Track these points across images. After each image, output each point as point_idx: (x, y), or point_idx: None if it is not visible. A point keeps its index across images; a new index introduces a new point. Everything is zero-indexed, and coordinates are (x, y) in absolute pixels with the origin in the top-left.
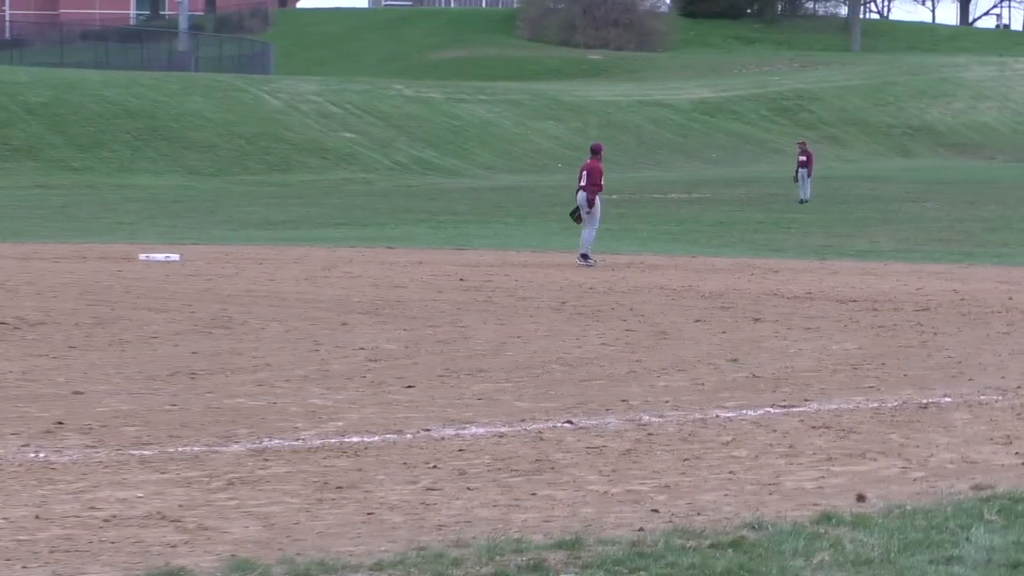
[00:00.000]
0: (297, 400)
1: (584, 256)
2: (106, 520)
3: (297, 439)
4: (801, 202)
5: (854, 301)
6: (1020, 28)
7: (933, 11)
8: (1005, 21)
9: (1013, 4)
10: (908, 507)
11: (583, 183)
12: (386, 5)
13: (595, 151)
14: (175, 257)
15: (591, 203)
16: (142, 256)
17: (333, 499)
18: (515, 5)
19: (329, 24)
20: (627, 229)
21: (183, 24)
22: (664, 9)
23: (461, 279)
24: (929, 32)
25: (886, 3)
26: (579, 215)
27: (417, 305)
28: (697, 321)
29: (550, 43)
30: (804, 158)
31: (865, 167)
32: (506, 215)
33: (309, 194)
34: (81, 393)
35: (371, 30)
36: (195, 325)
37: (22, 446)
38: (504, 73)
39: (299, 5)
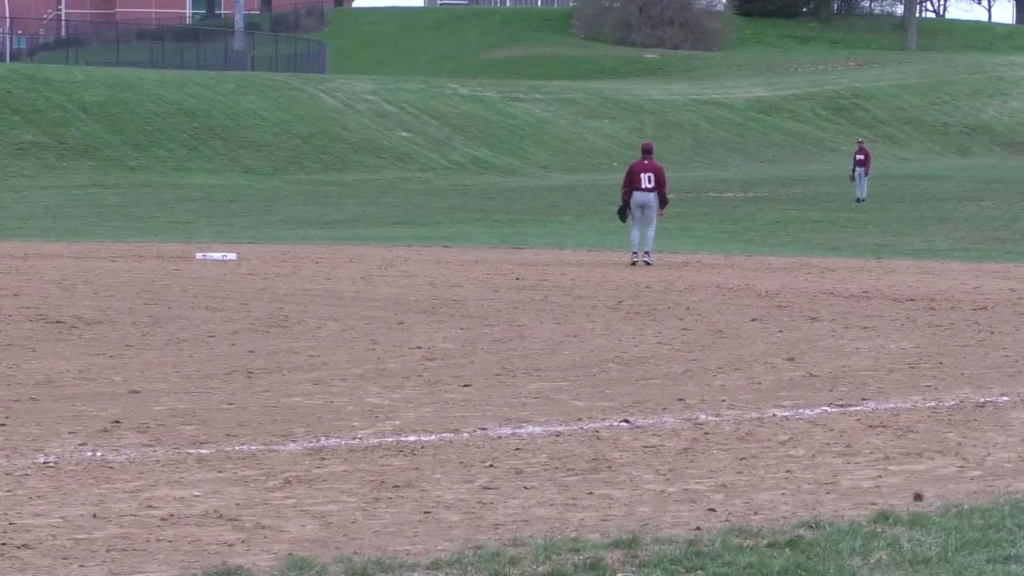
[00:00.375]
0: (354, 399)
1: (647, 253)
2: (163, 519)
3: (354, 438)
4: (858, 201)
5: (911, 300)
6: None
7: (989, 10)
8: None
9: None
10: (965, 506)
11: (650, 185)
12: (441, 4)
13: (650, 151)
14: (232, 256)
15: (663, 204)
16: (199, 255)
17: (390, 498)
18: (571, 4)
19: (385, 23)
20: (683, 228)
21: (239, 23)
22: (720, 8)
23: (517, 278)
24: (985, 31)
25: (942, 2)
26: (627, 214)
27: (473, 304)
28: (754, 320)
29: (606, 42)
30: (862, 157)
31: (921, 166)
32: (562, 214)
33: (365, 193)
34: (138, 392)
35: (426, 29)
36: (252, 324)
37: (79, 445)
38: (560, 72)
39: (355, 4)
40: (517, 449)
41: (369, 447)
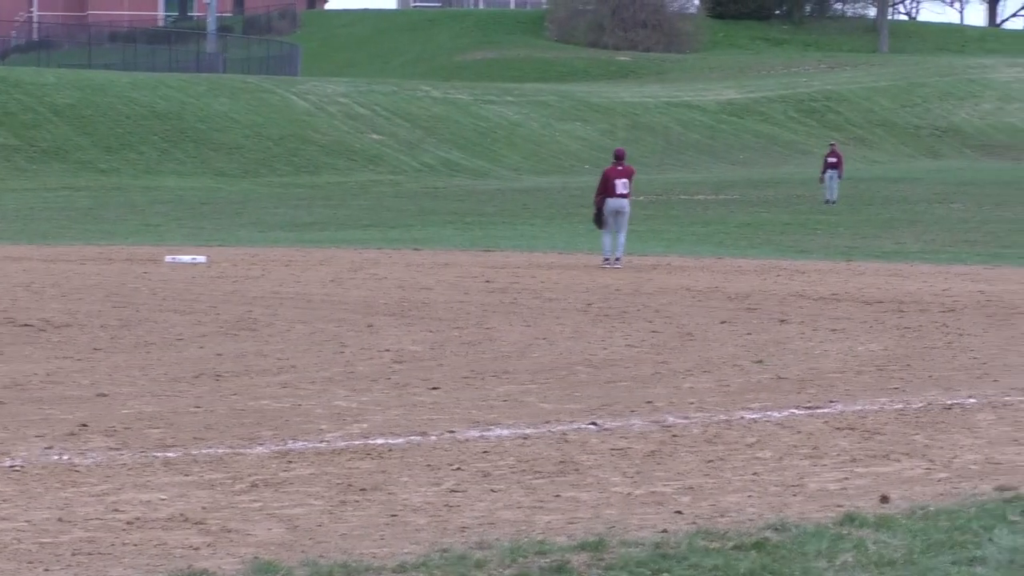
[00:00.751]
0: (322, 402)
1: (618, 259)
2: (129, 523)
3: (321, 441)
4: (827, 203)
5: (880, 302)
6: None
7: (961, 12)
8: None
9: None
10: (931, 508)
11: (625, 191)
12: (414, 7)
13: (622, 157)
14: (201, 259)
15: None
16: (168, 258)
17: (357, 501)
18: (543, 6)
19: (357, 26)
20: (654, 231)
21: (211, 25)
22: (692, 10)
23: (487, 281)
24: (957, 33)
25: (914, 4)
26: (603, 221)
27: (443, 307)
28: (723, 322)
29: (578, 44)
30: (834, 160)
31: (892, 168)
32: (533, 217)
33: (336, 196)
34: (105, 395)
35: (399, 32)
36: (220, 327)
37: (46, 448)
38: (532, 74)
39: (327, 7)
40: (484, 452)
41: (336, 450)
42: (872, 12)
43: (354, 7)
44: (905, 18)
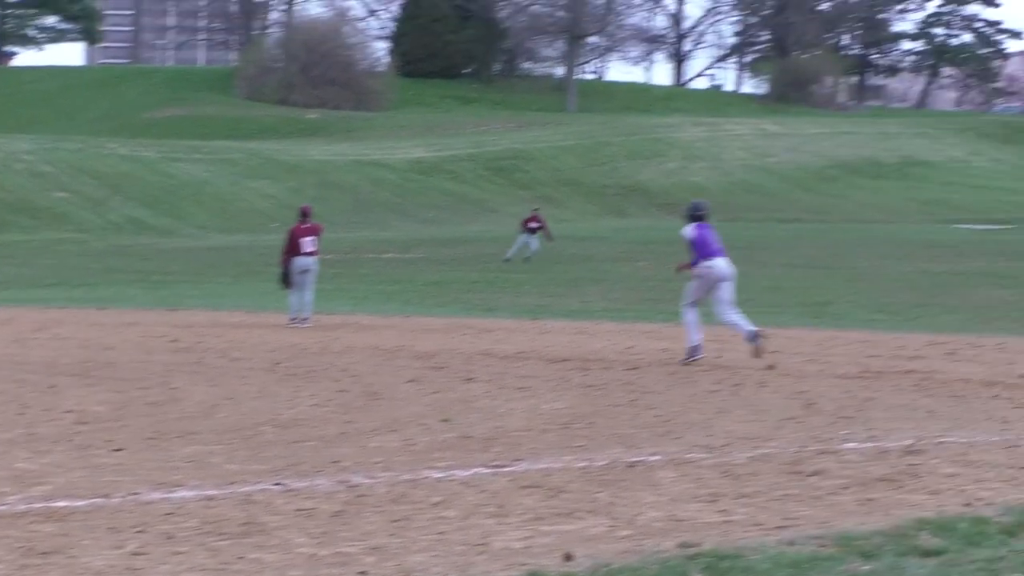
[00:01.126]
0: (2, 464)
1: (305, 319)
2: None
3: (2, 504)
4: (505, 260)
5: (565, 360)
6: (732, 89)
7: (649, 72)
8: (718, 81)
9: (725, 65)
10: (615, 566)
11: (313, 249)
12: (101, 63)
13: (308, 214)
14: None
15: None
16: None
17: (38, 565)
18: (233, 64)
19: (45, 82)
20: (341, 289)
21: None
22: (382, 69)
23: (172, 340)
24: (644, 93)
25: (602, 64)
26: (291, 281)
27: (127, 366)
28: (410, 381)
29: (268, 102)
30: (536, 225)
31: (579, 227)
32: (220, 275)
33: (20, 254)
34: None
35: (87, 88)
36: None
37: None
38: (221, 132)
39: (13, 63)
40: (168, 514)
41: (17, 513)
42: (560, 71)
43: (42, 63)
44: (593, 77)
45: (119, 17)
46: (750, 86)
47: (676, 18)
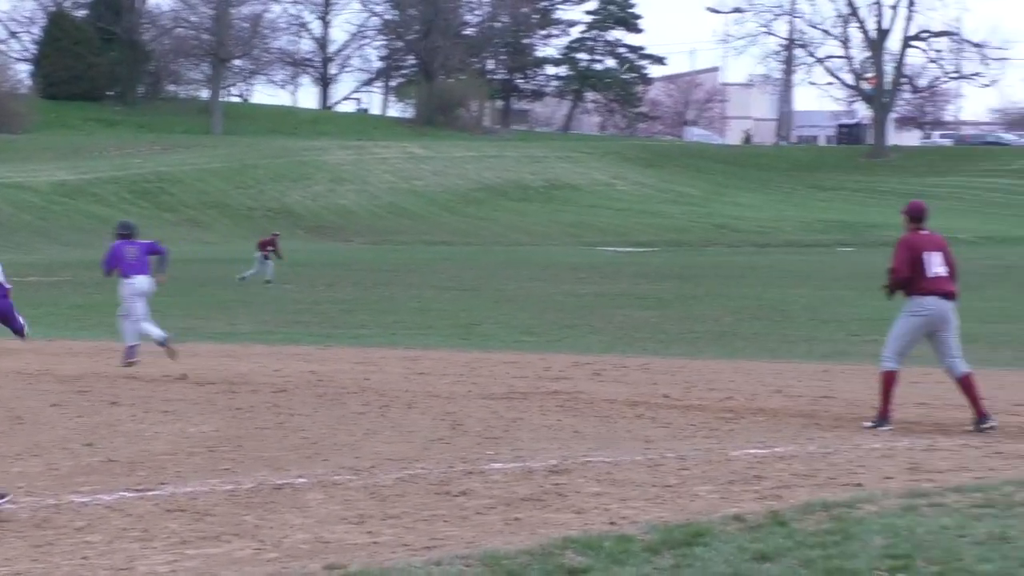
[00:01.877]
0: None
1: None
2: None
3: None
4: (240, 279)
5: (212, 383)
6: (379, 112)
7: (295, 95)
8: (365, 105)
9: (371, 89)
10: None
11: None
12: None
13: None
14: None
15: None
16: None
17: None
18: None
19: None
20: None
21: None
22: (24, 90)
23: None
24: (291, 116)
25: (248, 87)
26: None
27: None
28: (54, 405)
29: None
30: (271, 248)
31: (226, 249)
32: None
33: None
34: None
35: None
36: None
37: None
38: None
39: None
40: None
41: None
42: (206, 94)
43: None
44: (239, 100)
45: None
46: (396, 110)
47: (322, 42)
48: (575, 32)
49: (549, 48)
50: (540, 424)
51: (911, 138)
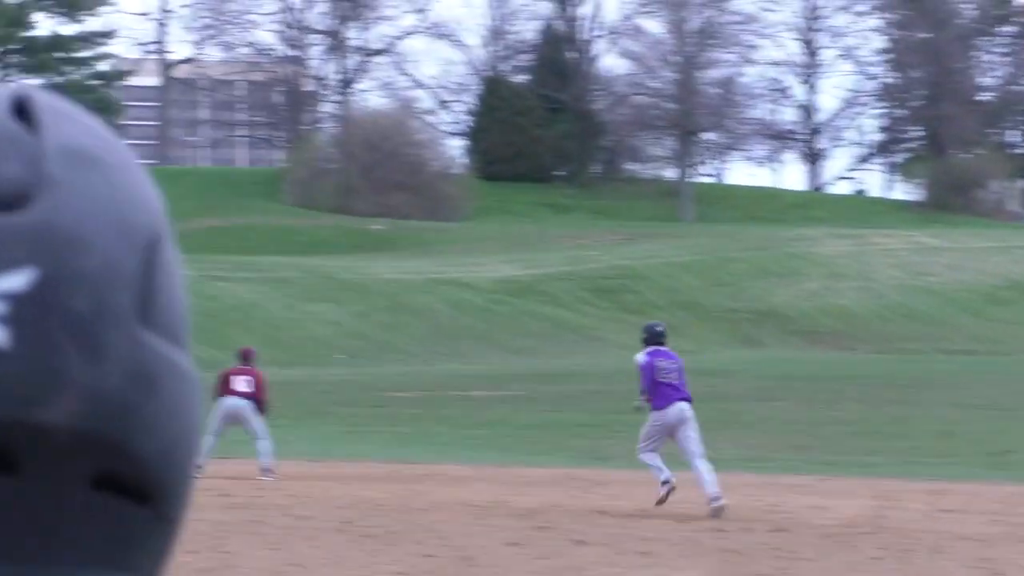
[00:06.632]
0: None
1: (268, 471)
2: None
3: None
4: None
5: (696, 520)
6: (879, 194)
7: (777, 174)
8: (862, 185)
9: (869, 166)
10: None
11: (248, 389)
12: None
13: (249, 357)
14: None
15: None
16: None
17: None
18: (279, 165)
19: None
20: (422, 433)
21: None
22: (457, 170)
23: (224, 494)
24: (773, 199)
25: (721, 165)
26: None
27: None
28: (510, 544)
29: (323, 210)
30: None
31: (701, 359)
32: (276, 416)
33: None
34: None
35: None
36: None
37: None
38: (269, 246)
39: None
40: None
41: None
42: (671, 173)
43: None
44: (711, 180)
45: (143, 110)
46: (900, 191)
47: (807, 110)
48: None
49: None
50: None
51: None
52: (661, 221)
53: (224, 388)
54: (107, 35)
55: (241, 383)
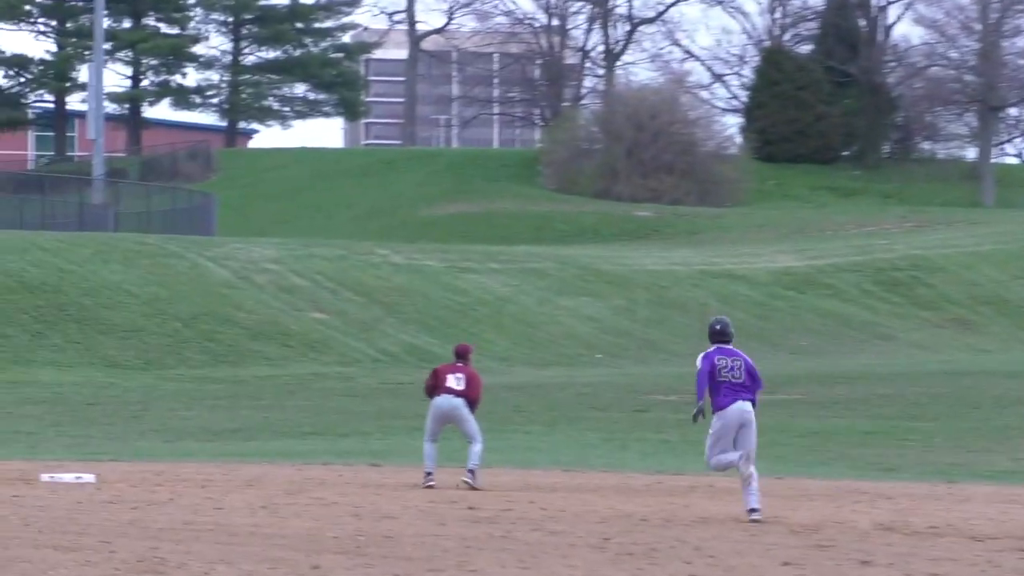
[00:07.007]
0: None
1: (472, 473)
2: None
3: None
4: None
5: (994, 539)
6: None
7: None
8: None
9: None
10: None
11: (460, 387)
12: (367, 145)
13: (466, 355)
14: (89, 478)
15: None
16: (45, 477)
17: None
18: (537, 146)
19: (291, 168)
20: (689, 441)
21: (98, 169)
22: (733, 151)
23: (471, 507)
24: None
25: None
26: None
27: (412, 542)
28: (785, 564)
29: (583, 195)
30: None
31: (1006, 359)
32: (528, 422)
33: (267, 394)
34: None
35: (346, 177)
36: (116, 569)
37: None
38: (523, 234)
39: (251, 144)
40: None
41: None
42: (972, 154)
43: (286, 145)
44: (1015, 161)
45: (388, 85)
46: None
47: None
48: None
49: None
50: None
51: None
52: (959, 206)
53: (437, 385)
54: (351, 3)
55: (453, 380)
